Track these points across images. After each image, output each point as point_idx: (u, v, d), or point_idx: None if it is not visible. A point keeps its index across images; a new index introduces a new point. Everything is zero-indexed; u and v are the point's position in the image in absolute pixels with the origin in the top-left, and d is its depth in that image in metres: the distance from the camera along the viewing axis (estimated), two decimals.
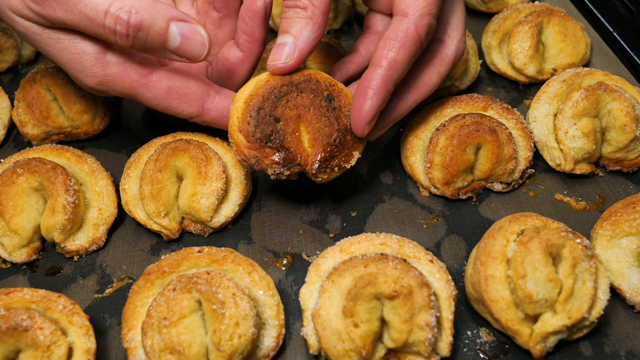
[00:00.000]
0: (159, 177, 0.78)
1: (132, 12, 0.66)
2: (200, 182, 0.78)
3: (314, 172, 0.72)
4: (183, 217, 0.81)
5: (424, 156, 0.83)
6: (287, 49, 0.70)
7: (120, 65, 0.73)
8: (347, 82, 0.82)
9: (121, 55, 0.73)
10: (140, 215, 0.79)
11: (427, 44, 0.76)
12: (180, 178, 0.81)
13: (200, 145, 0.80)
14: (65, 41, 0.71)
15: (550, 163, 0.86)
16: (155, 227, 0.79)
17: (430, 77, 0.78)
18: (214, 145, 0.84)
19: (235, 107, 0.71)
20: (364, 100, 0.70)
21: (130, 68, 0.73)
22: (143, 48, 0.70)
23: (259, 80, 0.72)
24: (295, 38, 0.70)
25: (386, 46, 0.71)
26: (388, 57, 0.70)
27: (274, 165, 0.70)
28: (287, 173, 0.72)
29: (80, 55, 0.71)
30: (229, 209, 0.81)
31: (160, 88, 0.74)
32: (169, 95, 0.74)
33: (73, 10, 0.67)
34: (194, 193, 0.78)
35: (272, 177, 0.72)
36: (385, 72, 0.70)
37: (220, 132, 0.86)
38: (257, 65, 0.81)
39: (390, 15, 0.81)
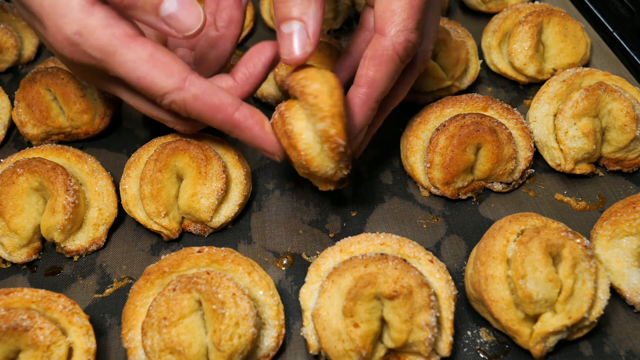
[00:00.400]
0: (159, 177, 0.78)
1: None
2: (200, 182, 0.78)
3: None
4: (183, 217, 0.81)
5: (424, 156, 0.83)
6: (300, 38, 0.66)
7: (107, 19, 0.67)
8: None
9: (109, 12, 0.68)
10: (140, 215, 0.79)
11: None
12: (180, 178, 0.81)
13: (200, 145, 0.80)
14: None
15: (550, 163, 0.86)
16: (155, 227, 0.79)
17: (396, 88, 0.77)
18: (214, 145, 0.84)
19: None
20: (352, 124, 0.70)
21: (116, 25, 0.68)
22: (133, 5, 0.66)
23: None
24: (303, 22, 0.66)
25: (365, 65, 0.70)
26: (367, 76, 0.70)
27: None
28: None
29: None
30: (229, 209, 0.81)
31: (143, 51, 0.68)
32: (150, 60, 0.68)
33: None
34: (194, 193, 0.78)
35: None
36: (366, 90, 0.70)
37: (220, 132, 0.86)
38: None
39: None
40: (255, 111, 0.73)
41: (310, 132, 0.68)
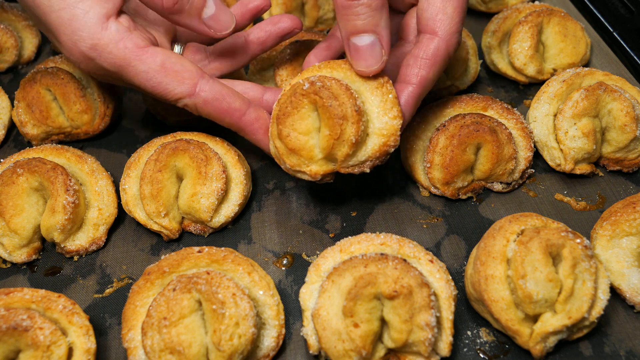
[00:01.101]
0: (159, 177, 0.78)
1: None
2: (200, 182, 0.78)
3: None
4: (183, 217, 0.81)
5: (424, 156, 0.83)
6: (377, 50, 0.68)
7: (120, 32, 0.73)
8: None
9: (122, 24, 0.73)
10: (140, 215, 0.79)
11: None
12: (180, 178, 0.81)
13: (200, 145, 0.80)
14: None
15: (550, 163, 0.86)
16: (155, 227, 0.79)
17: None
18: (214, 145, 0.84)
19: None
20: None
21: (128, 38, 0.73)
22: (179, 11, 0.72)
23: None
24: (377, 34, 0.67)
25: (417, 64, 0.72)
26: (419, 75, 0.72)
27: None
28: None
29: (84, 12, 0.71)
30: (229, 209, 0.80)
31: (154, 61, 0.73)
32: (162, 69, 0.74)
33: None
34: (194, 193, 0.78)
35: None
36: (416, 89, 0.72)
37: (220, 132, 0.86)
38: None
39: (397, 13, 0.81)
40: (261, 115, 0.79)
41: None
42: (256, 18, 0.84)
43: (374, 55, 0.68)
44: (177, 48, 0.85)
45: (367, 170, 0.72)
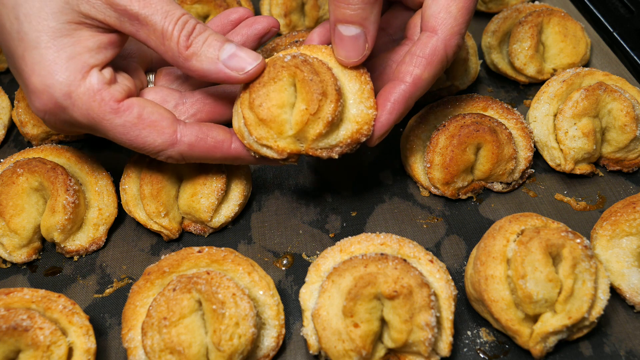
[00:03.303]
0: (159, 177, 0.78)
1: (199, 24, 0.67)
2: (200, 182, 0.78)
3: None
4: (183, 217, 0.81)
5: (424, 156, 0.83)
6: (360, 43, 0.66)
7: (99, 84, 0.66)
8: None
9: (104, 75, 0.67)
10: (140, 215, 0.79)
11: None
12: (180, 178, 0.81)
13: None
14: (82, 32, 0.65)
15: (550, 163, 0.86)
16: (155, 227, 0.79)
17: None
18: None
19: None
20: (381, 114, 0.69)
21: (106, 90, 0.66)
22: (194, 54, 0.66)
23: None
24: (364, 27, 0.65)
25: (412, 62, 0.70)
26: (413, 74, 0.69)
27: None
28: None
29: (69, 57, 0.64)
30: (229, 209, 0.81)
31: (131, 114, 0.67)
32: (139, 121, 0.67)
33: (150, 2, 0.65)
34: (194, 193, 0.78)
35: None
36: (408, 88, 0.70)
37: None
38: None
39: (407, 9, 0.80)
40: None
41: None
42: (264, 42, 0.80)
43: (356, 48, 0.66)
44: (150, 77, 0.80)
45: (335, 156, 0.69)
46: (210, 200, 0.78)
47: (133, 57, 0.78)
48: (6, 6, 0.65)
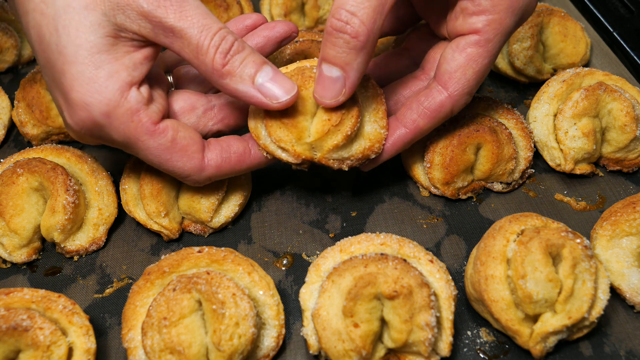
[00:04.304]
0: (159, 177, 0.78)
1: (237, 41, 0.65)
2: None
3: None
4: (183, 217, 0.81)
5: (424, 156, 0.83)
6: (337, 87, 0.65)
7: (138, 104, 0.65)
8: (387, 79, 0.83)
9: (142, 94, 0.66)
10: (140, 215, 0.79)
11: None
12: None
13: None
14: (119, 48, 0.64)
15: (550, 163, 0.86)
16: (155, 227, 0.79)
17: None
18: None
19: None
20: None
21: (144, 112, 0.66)
22: (229, 73, 0.65)
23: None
24: (345, 72, 0.64)
25: (417, 111, 0.72)
26: (416, 123, 0.73)
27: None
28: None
29: (108, 75, 0.63)
30: (229, 209, 0.81)
31: (165, 138, 0.67)
32: (172, 145, 0.68)
33: (187, 15, 0.63)
34: (194, 193, 0.78)
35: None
36: (407, 134, 0.74)
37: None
38: None
39: (434, 35, 0.80)
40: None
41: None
42: (282, 47, 0.80)
43: (331, 90, 0.65)
44: (170, 78, 0.79)
45: (345, 169, 0.73)
46: (211, 201, 0.78)
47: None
48: (46, 17, 0.64)
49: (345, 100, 0.67)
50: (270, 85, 0.65)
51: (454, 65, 0.70)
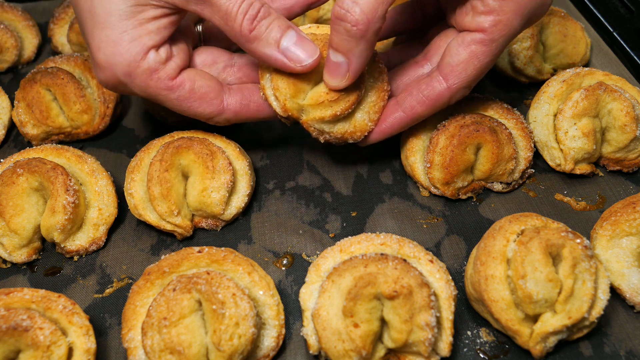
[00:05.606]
0: (166, 176, 0.77)
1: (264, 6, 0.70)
2: (209, 177, 0.78)
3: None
4: (193, 215, 0.81)
5: (424, 156, 0.83)
6: (341, 71, 0.69)
7: (156, 63, 0.72)
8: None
9: (160, 55, 0.72)
10: (151, 217, 0.79)
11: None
12: (185, 176, 0.81)
13: (203, 141, 0.80)
14: (145, 14, 0.70)
15: (550, 163, 0.86)
16: (168, 227, 0.79)
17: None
18: (214, 140, 0.84)
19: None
20: (377, 127, 0.79)
21: (162, 70, 0.73)
22: (256, 38, 0.69)
23: None
24: (347, 58, 0.68)
25: (417, 98, 0.76)
26: (414, 109, 0.77)
27: None
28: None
29: (130, 39, 0.70)
30: (239, 200, 0.81)
31: (184, 89, 0.74)
32: (191, 95, 0.75)
33: None
34: (204, 188, 0.78)
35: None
36: (405, 118, 0.78)
37: (217, 128, 0.86)
38: None
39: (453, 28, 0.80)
40: None
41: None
42: (310, 9, 0.82)
43: (336, 74, 0.70)
44: (198, 28, 0.84)
45: (321, 141, 0.78)
46: (221, 193, 0.78)
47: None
48: None
49: (349, 85, 0.71)
50: (295, 49, 0.70)
51: (457, 60, 0.73)
